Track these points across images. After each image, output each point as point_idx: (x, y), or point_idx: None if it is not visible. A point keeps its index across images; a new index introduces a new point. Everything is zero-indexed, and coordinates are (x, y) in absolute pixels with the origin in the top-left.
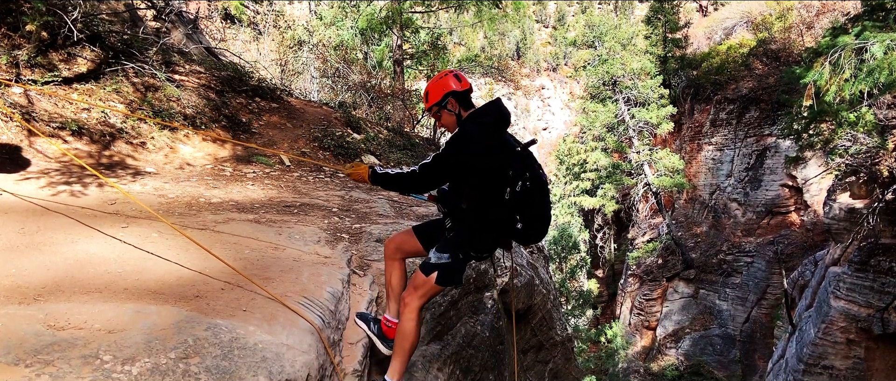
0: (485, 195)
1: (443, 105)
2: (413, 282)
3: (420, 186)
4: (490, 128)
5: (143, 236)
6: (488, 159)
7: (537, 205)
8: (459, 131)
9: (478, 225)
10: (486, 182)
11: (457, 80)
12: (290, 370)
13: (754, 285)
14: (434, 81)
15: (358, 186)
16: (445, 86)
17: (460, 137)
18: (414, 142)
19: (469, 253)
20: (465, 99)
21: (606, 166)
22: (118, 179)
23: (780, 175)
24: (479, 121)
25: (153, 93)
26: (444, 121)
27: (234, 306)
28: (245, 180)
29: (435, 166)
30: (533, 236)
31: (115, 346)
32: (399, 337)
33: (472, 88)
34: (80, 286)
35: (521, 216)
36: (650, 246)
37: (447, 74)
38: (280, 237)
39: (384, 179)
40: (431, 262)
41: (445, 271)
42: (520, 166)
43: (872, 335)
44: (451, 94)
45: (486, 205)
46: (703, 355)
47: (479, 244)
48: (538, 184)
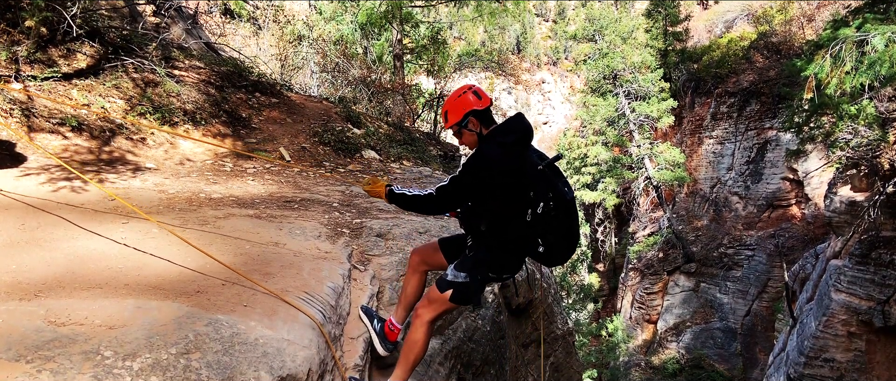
0: (505, 217)
1: (464, 124)
2: (428, 296)
3: (437, 209)
4: (511, 147)
5: (143, 231)
6: (508, 181)
7: (562, 226)
8: (478, 151)
9: (498, 247)
10: (506, 204)
11: (476, 97)
12: (291, 365)
13: (755, 279)
14: (453, 99)
15: (359, 183)
16: (465, 104)
17: (478, 157)
18: (414, 136)
19: (487, 274)
20: (486, 116)
21: (607, 160)
22: (118, 175)
23: (780, 168)
24: (499, 140)
25: (153, 88)
26: (466, 140)
27: (234, 302)
28: (245, 176)
29: (452, 189)
30: (557, 258)
31: (115, 342)
32: (406, 347)
33: (493, 102)
34: (80, 282)
35: (543, 239)
36: (651, 240)
37: (466, 91)
38: (280, 233)
39: (401, 199)
40: (448, 279)
41: (461, 290)
42: (542, 186)
43: (873, 327)
44: (472, 112)
45: (507, 227)
46: (704, 348)
47: (499, 266)
48: (562, 204)
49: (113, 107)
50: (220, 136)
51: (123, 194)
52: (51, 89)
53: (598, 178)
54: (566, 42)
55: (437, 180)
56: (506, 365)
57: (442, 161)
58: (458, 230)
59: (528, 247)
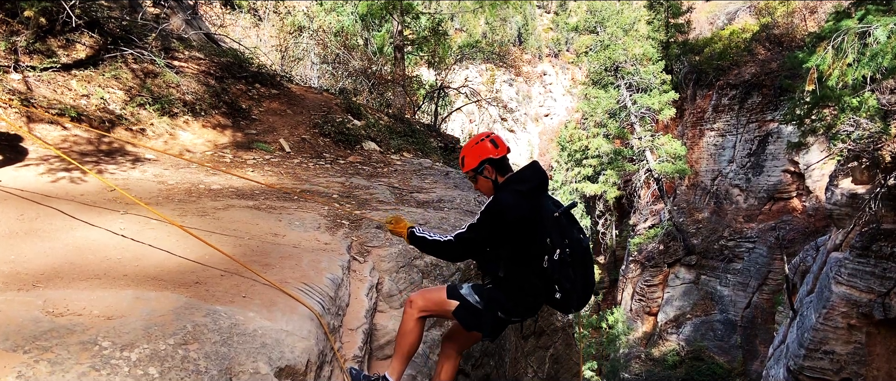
0: (521, 264)
1: (479, 171)
2: (428, 292)
3: (456, 256)
4: (527, 195)
5: (142, 222)
6: (524, 227)
7: (578, 274)
8: (494, 200)
9: (514, 292)
10: (523, 251)
11: (494, 146)
12: (290, 356)
13: (755, 271)
14: (470, 146)
15: (358, 175)
16: (482, 152)
17: (496, 204)
18: (415, 128)
19: (497, 314)
20: (503, 165)
21: (608, 153)
22: (118, 165)
23: (782, 161)
24: (514, 188)
25: (152, 79)
26: (481, 186)
27: (233, 293)
28: (245, 167)
29: (471, 237)
30: (573, 305)
31: (113, 332)
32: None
33: (510, 151)
34: (79, 273)
35: (559, 285)
36: (652, 232)
37: (484, 138)
38: (280, 224)
39: (422, 243)
40: (461, 292)
41: (468, 310)
42: (558, 233)
43: (874, 320)
44: (488, 160)
45: (524, 273)
46: (704, 340)
47: (510, 309)
48: (578, 251)
49: (112, 97)
50: (220, 127)
51: (123, 184)
52: (50, 80)
53: (599, 170)
54: (568, 34)
55: (436, 172)
56: (505, 356)
57: (442, 153)
58: (462, 222)
59: (545, 294)
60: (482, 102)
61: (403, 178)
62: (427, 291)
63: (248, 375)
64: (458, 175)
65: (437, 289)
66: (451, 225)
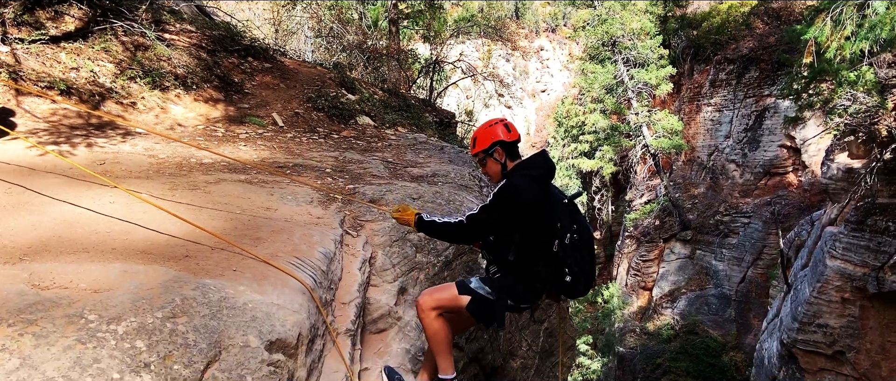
0: (532, 248)
1: (490, 153)
2: (437, 290)
3: (467, 237)
4: (537, 180)
5: (132, 196)
6: (536, 211)
7: (584, 258)
8: (506, 183)
9: (525, 277)
10: (534, 235)
11: (506, 130)
12: (281, 330)
13: (750, 246)
14: (483, 128)
15: (352, 149)
16: (494, 135)
17: (509, 186)
18: (409, 103)
19: (508, 301)
20: (513, 150)
21: (605, 128)
22: (108, 139)
23: (778, 136)
24: (525, 173)
25: (143, 52)
26: (489, 169)
27: (223, 266)
28: (237, 141)
29: (483, 218)
30: (581, 288)
31: (100, 305)
32: (429, 340)
33: (520, 139)
34: (66, 246)
35: (569, 270)
36: (648, 208)
37: (497, 122)
38: (272, 198)
39: (430, 227)
40: (471, 286)
41: (480, 302)
42: (568, 218)
43: (867, 293)
44: (500, 143)
45: (534, 258)
46: (698, 314)
47: (522, 295)
48: (585, 237)
49: (102, 70)
50: (212, 101)
51: (112, 159)
52: (39, 52)
53: (596, 146)
54: (565, 8)
55: (431, 146)
56: (499, 331)
57: (438, 128)
58: (456, 197)
59: (555, 277)
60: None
61: (398, 152)
62: (434, 290)
63: (237, 348)
64: (453, 150)
65: (444, 287)
66: (446, 199)
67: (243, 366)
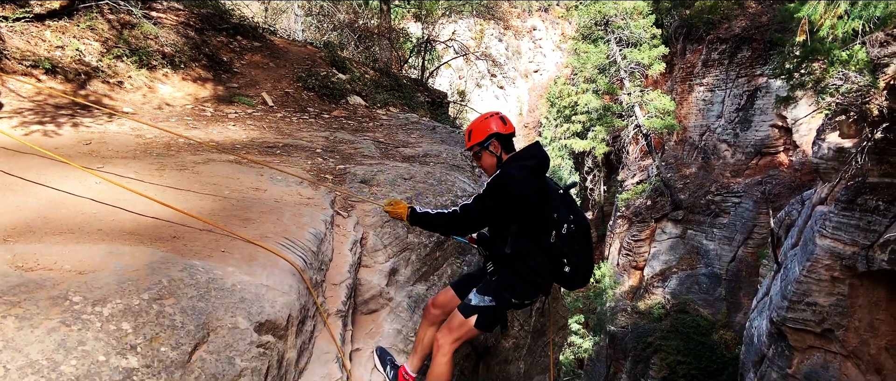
0: (529, 239)
1: (485, 146)
2: (449, 324)
3: (462, 228)
4: (533, 171)
5: (119, 176)
6: (532, 201)
7: (582, 249)
8: (501, 173)
9: (523, 270)
10: (530, 225)
11: (502, 122)
12: (271, 311)
13: (741, 225)
14: (479, 121)
15: (343, 129)
16: (489, 127)
17: (503, 176)
18: (401, 83)
19: (510, 299)
20: (508, 142)
21: (597, 108)
22: (94, 119)
23: (770, 116)
24: (520, 163)
25: (129, 30)
26: (484, 162)
27: (212, 247)
28: (226, 121)
29: (477, 208)
30: (580, 280)
31: (85, 287)
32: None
33: (515, 133)
34: (51, 227)
35: (568, 260)
36: (639, 188)
37: (493, 115)
38: (261, 178)
39: (423, 219)
40: (472, 304)
41: (486, 314)
42: (564, 209)
43: (856, 272)
44: (495, 135)
45: (532, 249)
46: (689, 293)
47: (522, 291)
48: (582, 226)
49: (88, 49)
50: (201, 80)
51: (99, 139)
52: (23, 31)
53: (589, 126)
54: None
55: (423, 127)
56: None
57: (429, 108)
58: (448, 177)
59: (554, 269)
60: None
61: (389, 132)
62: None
63: (226, 330)
64: (445, 130)
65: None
66: (438, 179)
67: (232, 348)
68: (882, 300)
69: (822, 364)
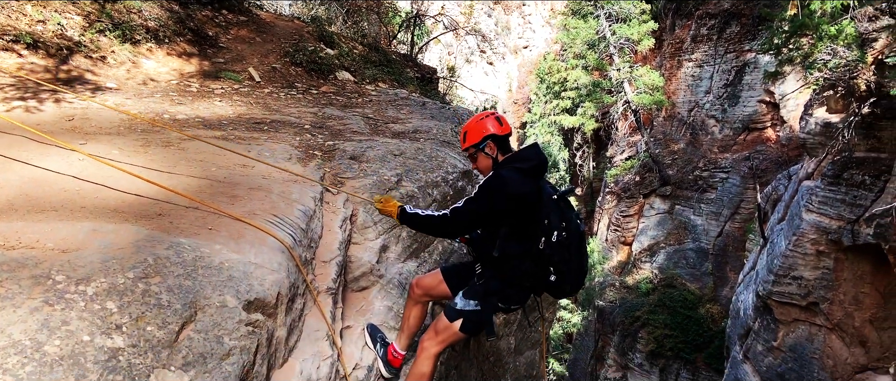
0: (518, 244)
1: (480, 147)
2: (435, 326)
3: (451, 231)
4: (527, 174)
5: (103, 152)
6: (524, 206)
7: (573, 258)
8: (494, 175)
9: (510, 276)
10: (520, 231)
11: (497, 123)
12: (259, 289)
13: (728, 201)
14: (473, 121)
15: (332, 105)
16: (485, 128)
17: (496, 179)
18: (390, 58)
19: (497, 304)
20: (504, 143)
21: (586, 84)
22: (76, 94)
23: (758, 91)
24: (515, 166)
25: (112, 4)
26: (480, 164)
27: (198, 225)
28: (212, 97)
29: (467, 211)
30: (568, 289)
31: (68, 266)
32: (413, 376)
33: (512, 132)
34: (34, 205)
35: (555, 269)
36: (628, 164)
37: (488, 115)
38: (249, 155)
39: (413, 220)
40: (457, 307)
41: (472, 319)
42: (556, 216)
43: (842, 246)
44: (491, 137)
45: (519, 255)
46: (676, 268)
47: (509, 296)
48: (575, 235)
49: (70, 23)
50: (186, 55)
51: (82, 114)
52: (3, 5)
53: (578, 102)
54: None
55: (412, 102)
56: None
57: (419, 83)
58: (439, 153)
59: (540, 276)
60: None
61: (378, 108)
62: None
63: (214, 308)
64: (434, 106)
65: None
66: (428, 156)
67: (220, 326)
68: (867, 274)
69: (806, 337)
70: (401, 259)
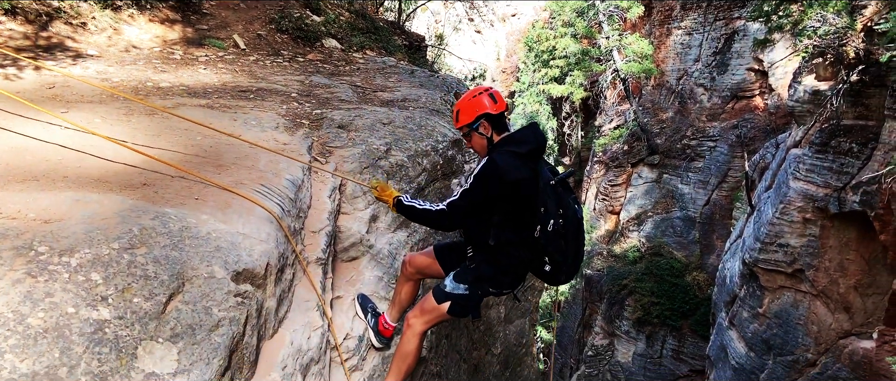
0: (512, 233)
1: (474, 127)
2: (422, 305)
3: (450, 226)
4: (523, 158)
5: (85, 121)
6: (519, 193)
7: (569, 246)
8: (488, 161)
9: (504, 263)
10: (515, 218)
11: (492, 100)
12: (248, 260)
13: (716, 169)
14: (466, 99)
15: (319, 73)
16: (479, 107)
17: (490, 166)
18: (378, 25)
19: (488, 289)
20: (500, 122)
21: (575, 53)
22: (57, 62)
23: (746, 59)
24: (510, 150)
25: None
26: (474, 143)
27: (184, 195)
28: (197, 64)
29: (464, 203)
30: (563, 278)
31: (51, 237)
32: (398, 357)
33: (508, 108)
34: (14, 175)
35: (549, 258)
36: (616, 133)
37: (481, 92)
38: (235, 123)
39: (410, 211)
40: (446, 290)
41: (460, 302)
42: (553, 203)
43: (828, 214)
44: (485, 116)
45: (514, 243)
46: (663, 237)
47: (501, 282)
48: (572, 223)
49: None
50: (169, 21)
51: (62, 82)
52: None
53: (566, 71)
54: None
55: (401, 70)
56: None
57: (407, 51)
58: (428, 121)
59: (534, 265)
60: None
61: (366, 76)
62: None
63: (202, 279)
64: (423, 74)
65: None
66: (417, 124)
67: (209, 297)
68: (852, 241)
69: (791, 303)
70: (391, 229)
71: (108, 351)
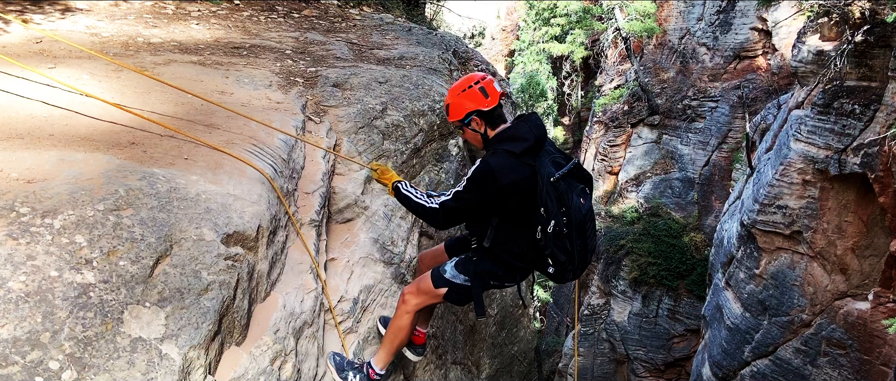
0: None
1: (465, 124)
2: (419, 284)
3: (440, 225)
4: (520, 157)
5: (73, 77)
6: (517, 196)
7: (575, 246)
8: (482, 163)
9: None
10: (514, 220)
11: (482, 95)
12: (239, 222)
13: (716, 130)
14: (456, 92)
15: (314, 29)
16: (469, 102)
17: (484, 169)
18: None
19: (489, 283)
20: (494, 116)
21: (577, 11)
22: (45, 15)
23: (750, 18)
24: (506, 148)
25: None
26: (468, 137)
27: (173, 154)
28: (189, 19)
29: (455, 206)
30: (570, 276)
31: (33, 197)
32: (390, 331)
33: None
34: None
35: (553, 260)
36: (617, 93)
37: (472, 84)
38: (227, 81)
39: (406, 200)
40: (446, 276)
41: (458, 291)
42: (555, 203)
43: (828, 175)
44: (476, 113)
45: (514, 244)
46: (662, 197)
47: (502, 277)
48: (576, 219)
49: None
50: None
51: (50, 37)
52: None
53: (567, 29)
54: None
55: (398, 28)
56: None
57: (405, 8)
58: (425, 81)
59: (537, 264)
60: None
61: (363, 33)
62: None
63: (191, 242)
64: (421, 31)
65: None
66: (414, 83)
67: (198, 261)
68: (851, 203)
69: (788, 265)
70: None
71: (93, 316)
